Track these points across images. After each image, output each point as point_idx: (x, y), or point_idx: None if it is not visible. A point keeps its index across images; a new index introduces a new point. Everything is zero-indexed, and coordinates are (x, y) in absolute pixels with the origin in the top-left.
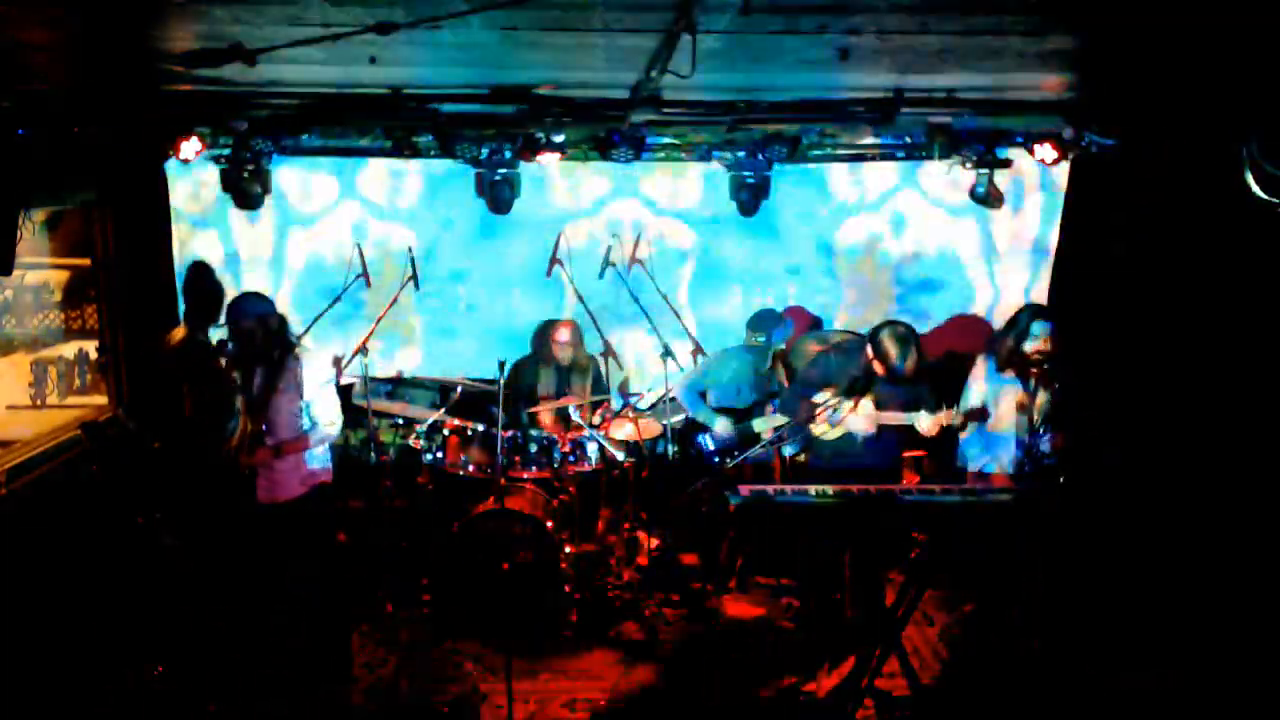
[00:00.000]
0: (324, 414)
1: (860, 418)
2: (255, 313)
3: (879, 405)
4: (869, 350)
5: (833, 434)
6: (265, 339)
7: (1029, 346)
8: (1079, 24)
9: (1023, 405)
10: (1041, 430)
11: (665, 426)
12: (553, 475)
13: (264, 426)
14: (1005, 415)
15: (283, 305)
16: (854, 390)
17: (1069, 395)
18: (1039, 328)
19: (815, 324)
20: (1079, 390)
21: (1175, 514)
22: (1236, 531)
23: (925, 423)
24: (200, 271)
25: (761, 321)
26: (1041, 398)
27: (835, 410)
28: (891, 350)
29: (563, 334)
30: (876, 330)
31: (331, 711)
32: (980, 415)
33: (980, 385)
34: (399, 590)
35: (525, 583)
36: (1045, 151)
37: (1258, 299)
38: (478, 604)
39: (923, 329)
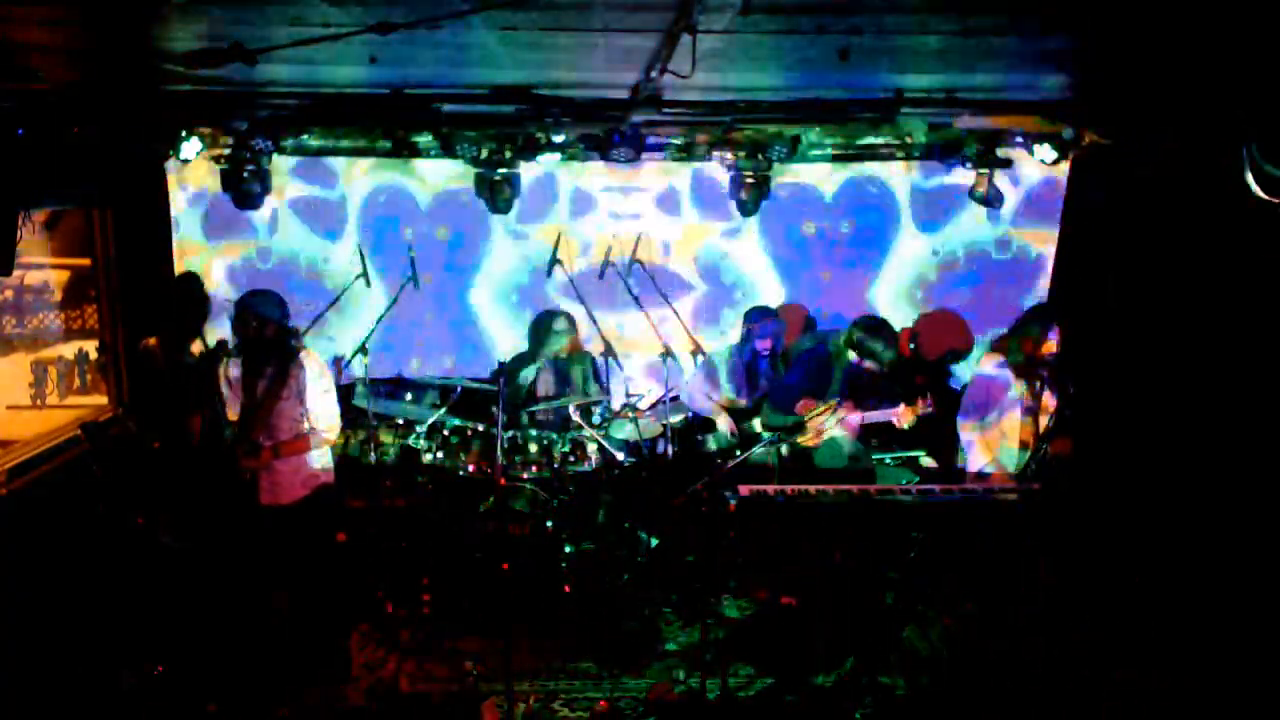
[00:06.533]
0: (324, 418)
1: (844, 426)
2: (261, 311)
3: (858, 407)
4: (851, 353)
5: (817, 443)
6: (263, 337)
7: (1042, 350)
8: (1079, 24)
9: (1029, 408)
10: (1047, 432)
11: (665, 426)
12: (553, 475)
13: (263, 431)
14: (1009, 417)
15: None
16: (845, 394)
17: (1076, 397)
18: (1051, 331)
19: (809, 321)
20: (1085, 392)
21: (1177, 514)
22: (1238, 531)
23: (906, 418)
24: (190, 281)
25: (755, 315)
26: (1047, 400)
27: (832, 413)
28: (874, 345)
29: (559, 326)
30: (851, 330)
31: (331, 711)
32: (954, 403)
33: (981, 381)
34: (399, 590)
35: (525, 583)
36: (1045, 151)
37: (1258, 299)
38: (478, 604)
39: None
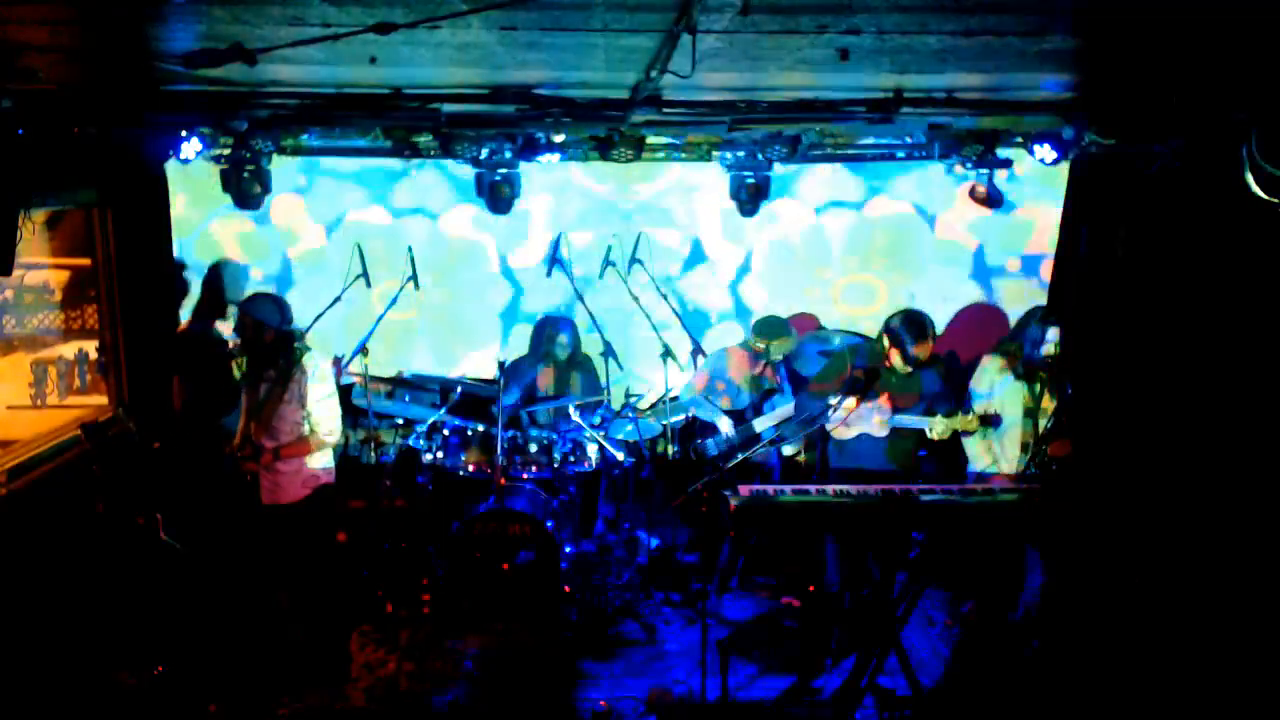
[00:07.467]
0: (325, 421)
1: (874, 419)
2: (257, 316)
3: (895, 407)
4: (885, 339)
5: (848, 434)
6: (261, 342)
7: (1042, 351)
8: (1079, 24)
9: (1029, 409)
10: (1046, 433)
11: (665, 426)
12: (553, 475)
13: (265, 433)
14: (1011, 418)
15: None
16: (856, 390)
17: (1076, 398)
18: (1051, 332)
19: (818, 329)
20: (1085, 392)
21: (1177, 515)
22: (1239, 532)
23: (939, 428)
24: (222, 269)
25: (767, 327)
26: (1048, 401)
27: (836, 409)
28: (905, 335)
29: (563, 339)
30: (890, 318)
31: (331, 711)
32: (993, 420)
33: (986, 387)
34: (399, 590)
35: (525, 583)
36: (1045, 151)
37: (1258, 299)
38: (478, 604)
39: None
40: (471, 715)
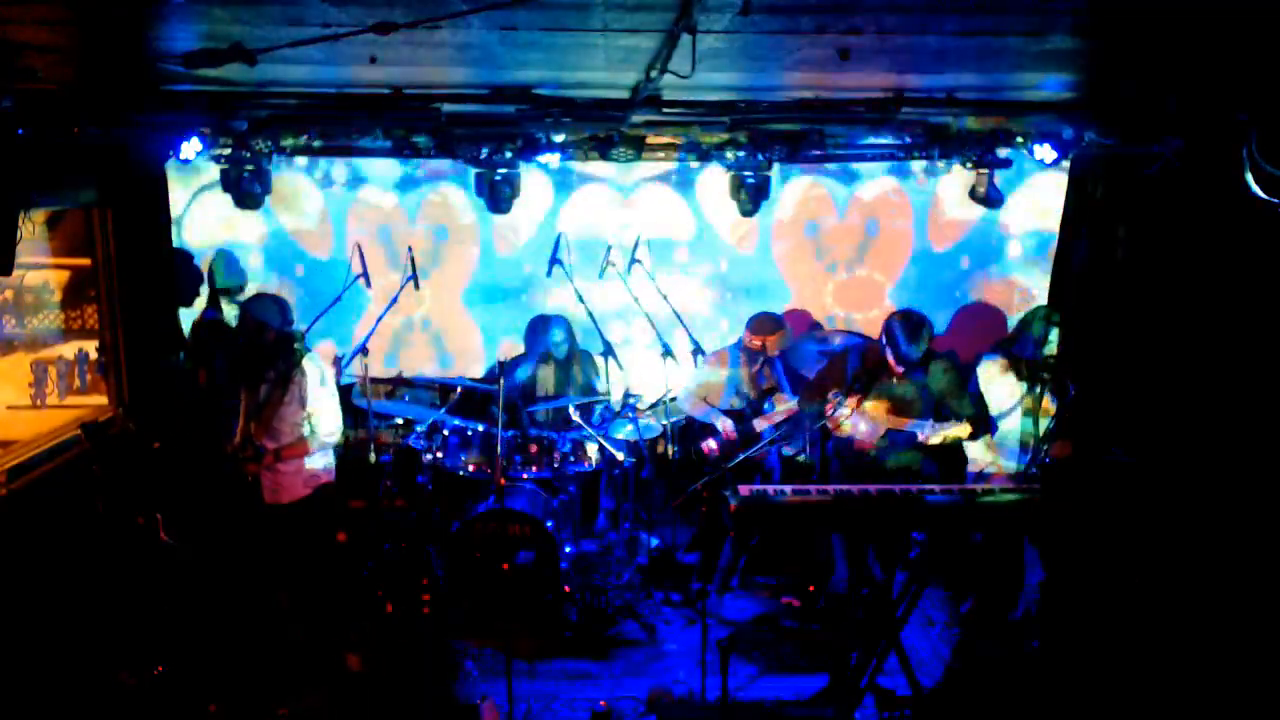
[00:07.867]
0: (326, 423)
1: (873, 420)
2: (259, 316)
3: (892, 410)
4: (883, 339)
5: (848, 434)
6: (262, 342)
7: (1043, 351)
8: (1079, 24)
9: (1029, 409)
10: (1048, 433)
11: (665, 426)
12: (553, 475)
13: (266, 434)
14: (1010, 418)
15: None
16: (856, 390)
17: (1077, 398)
18: (1054, 332)
19: (814, 327)
20: (1085, 392)
21: (1178, 515)
22: (1239, 532)
23: (931, 431)
24: (215, 258)
25: (762, 325)
26: (1048, 402)
27: (837, 407)
28: (901, 335)
29: (557, 338)
30: (889, 318)
31: (331, 711)
32: (989, 426)
33: (986, 387)
34: (399, 590)
35: (525, 583)
36: (1045, 151)
37: (1259, 299)
38: (478, 604)
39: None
40: (470, 714)
